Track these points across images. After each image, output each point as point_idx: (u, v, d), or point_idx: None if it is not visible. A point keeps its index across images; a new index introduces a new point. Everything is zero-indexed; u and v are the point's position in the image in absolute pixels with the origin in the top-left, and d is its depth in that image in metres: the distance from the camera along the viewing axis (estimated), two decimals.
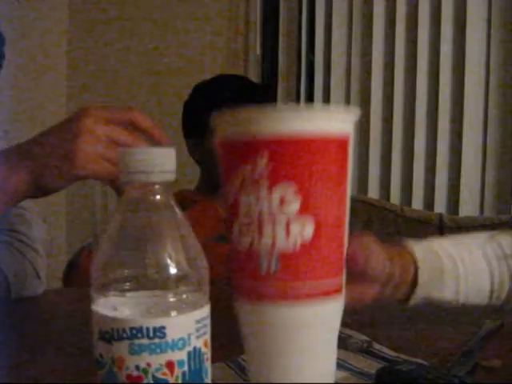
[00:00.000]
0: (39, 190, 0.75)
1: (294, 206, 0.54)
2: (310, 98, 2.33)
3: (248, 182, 0.54)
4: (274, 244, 0.54)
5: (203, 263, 0.45)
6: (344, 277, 0.59)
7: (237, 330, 0.58)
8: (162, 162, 0.44)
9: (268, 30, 2.38)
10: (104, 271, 0.44)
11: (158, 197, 0.45)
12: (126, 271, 0.44)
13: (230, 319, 0.57)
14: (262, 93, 1.68)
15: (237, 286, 0.58)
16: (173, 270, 0.44)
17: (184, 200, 1.37)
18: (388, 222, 1.84)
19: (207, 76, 1.65)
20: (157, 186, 0.44)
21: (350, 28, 2.25)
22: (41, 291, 1.05)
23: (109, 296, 0.44)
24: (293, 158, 0.53)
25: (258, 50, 2.39)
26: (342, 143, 0.56)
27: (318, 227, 0.55)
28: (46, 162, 0.73)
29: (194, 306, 0.44)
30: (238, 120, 0.55)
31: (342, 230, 0.58)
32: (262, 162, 0.53)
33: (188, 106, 1.61)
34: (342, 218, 0.58)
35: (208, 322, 0.46)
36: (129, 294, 0.44)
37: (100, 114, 0.75)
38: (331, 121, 0.55)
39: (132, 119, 0.78)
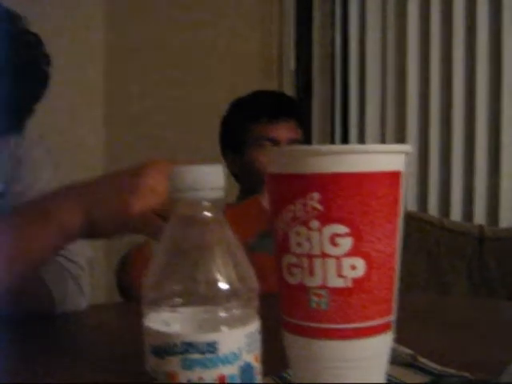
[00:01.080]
0: (93, 233, 0.77)
1: (346, 244, 0.54)
2: (344, 113, 2.33)
3: (299, 219, 0.55)
4: (324, 282, 0.55)
5: (253, 279, 0.46)
6: (394, 315, 0.59)
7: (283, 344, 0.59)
8: (211, 179, 0.45)
9: (302, 44, 2.39)
10: (155, 287, 0.45)
11: (208, 213, 0.45)
12: (177, 287, 0.45)
13: (276, 333, 0.57)
14: (298, 108, 1.69)
15: (285, 318, 0.59)
16: (223, 286, 0.44)
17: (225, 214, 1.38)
18: (427, 235, 1.82)
19: (242, 91, 1.66)
20: (206, 203, 0.45)
21: (384, 44, 2.24)
22: (84, 306, 1.06)
23: (160, 311, 0.45)
24: (345, 197, 0.54)
25: (292, 65, 2.40)
26: (394, 180, 0.56)
27: (369, 265, 0.55)
28: (104, 207, 0.75)
29: (245, 321, 0.45)
30: (292, 156, 0.56)
31: (393, 267, 0.58)
32: (314, 200, 0.54)
33: (226, 122, 1.63)
34: (393, 255, 0.58)
35: (258, 336, 0.46)
36: (180, 310, 0.44)
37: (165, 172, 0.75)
38: (384, 158, 0.55)
39: None
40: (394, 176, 0.57)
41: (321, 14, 2.38)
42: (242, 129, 1.56)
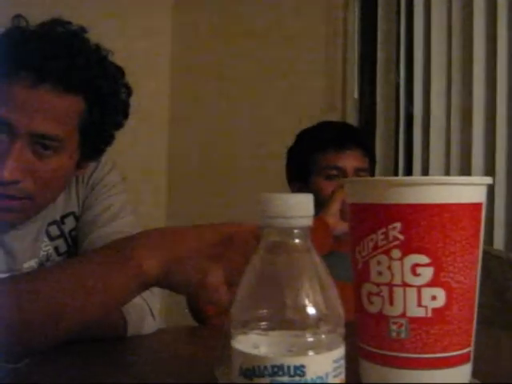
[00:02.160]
0: (166, 286, 0.78)
1: (427, 275, 0.55)
2: (408, 142, 2.31)
3: (380, 249, 0.56)
4: (404, 311, 0.56)
5: (339, 305, 0.47)
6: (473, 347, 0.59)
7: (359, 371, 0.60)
8: (300, 207, 0.46)
9: (366, 74, 2.40)
10: (245, 310, 0.47)
11: (297, 240, 0.47)
12: (266, 311, 0.46)
13: (352, 361, 0.58)
14: (363, 137, 1.71)
15: (362, 346, 0.60)
16: (311, 311, 0.45)
17: None
18: (493, 269, 1.79)
19: (307, 121, 1.69)
20: (295, 231, 0.47)
21: (449, 76, 2.23)
22: (154, 329, 1.08)
23: (249, 334, 0.46)
24: (427, 227, 0.55)
25: (356, 95, 2.41)
26: (475, 211, 0.57)
27: (449, 296, 0.56)
28: (182, 268, 0.75)
29: (331, 347, 0.46)
30: (375, 187, 0.57)
31: (473, 298, 0.58)
32: (396, 230, 0.55)
33: (292, 153, 1.66)
34: (474, 286, 0.58)
35: (343, 362, 0.47)
36: (269, 333, 0.46)
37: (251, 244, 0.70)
38: (465, 190, 0.56)
39: None
40: (476, 208, 0.57)
41: (385, 43, 2.39)
42: (308, 159, 1.58)
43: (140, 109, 1.21)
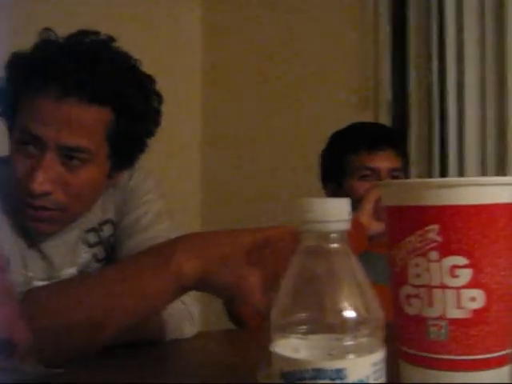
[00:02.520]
0: (204, 290, 0.80)
1: (465, 276, 0.55)
2: (442, 143, 2.29)
3: (418, 251, 0.56)
4: (443, 313, 0.56)
5: (379, 308, 0.47)
6: None
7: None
8: (338, 212, 0.47)
9: (398, 74, 2.39)
10: (284, 314, 0.47)
11: (335, 244, 0.47)
12: (305, 315, 0.46)
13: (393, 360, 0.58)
14: (396, 137, 1.70)
15: (402, 348, 0.60)
16: (351, 315, 0.46)
17: None
18: None
19: (340, 122, 1.69)
20: (333, 235, 0.47)
21: (483, 71, 2.20)
22: (193, 333, 1.09)
23: (289, 338, 0.47)
24: (464, 228, 0.55)
25: (388, 95, 2.40)
26: None
27: (489, 297, 0.56)
28: (218, 273, 0.75)
29: (371, 350, 0.46)
30: (412, 189, 0.57)
31: None
32: (433, 232, 0.55)
33: (326, 154, 1.66)
34: None
35: (383, 365, 0.47)
36: (308, 337, 0.46)
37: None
38: (503, 190, 0.56)
39: None
40: None
41: (417, 43, 2.37)
42: (342, 160, 1.58)
43: (173, 115, 1.23)
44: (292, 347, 0.46)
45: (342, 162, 1.58)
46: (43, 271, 1.12)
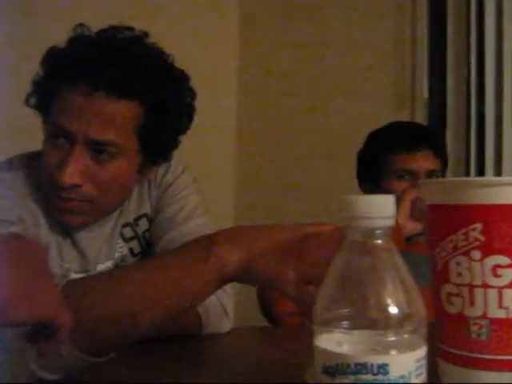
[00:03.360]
0: (245, 281, 0.80)
1: (508, 276, 0.55)
2: (480, 142, 2.27)
3: (460, 250, 0.56)
4: (485, 312, 0.55)
5: (421, 305, 0.47)
6: None
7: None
8: (383, 208, 0.47)
9: (435, 72, 2.37)
10: (328, 309, 0.48)
11: (379, 241, 0.48)
12: (349, 310, 0.47)
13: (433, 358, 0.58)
14: (434, 138, 1.68)
15: (442, 347, 0.60)
16: (394, 311, 0.46)
17: None
18: None
19: (376, 121, 1.68)
20: (378, 231, 0.48)
21: None
22: (228, 328, 1.10)
23: (332, 332, 0.47)
24: (507, 229, 0.54)
25: (426, 94, 2.38)
26: None
27: None
28: (261, 265, 0.76)
29: (413, 346, 0.46)
30: (454, 188, 0.57)
31: None
32: (476, 231, 0.55)
33: (363, 154, 1.65)
34: None
35: (425, 362, 0.48)
36: (352, 332, 0.47)
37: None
38: None
39: None
40: None
41: (455, 39, 2.34)
42: (379, 161, 1.57)
43: (207, 112, 1.24)
44: (335, 342, 0.47)
45: (379, 163, 1.57)
46: (79, 264, 1.14)
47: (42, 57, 1.07)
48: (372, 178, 1.60)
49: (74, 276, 1.05)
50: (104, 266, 1.16)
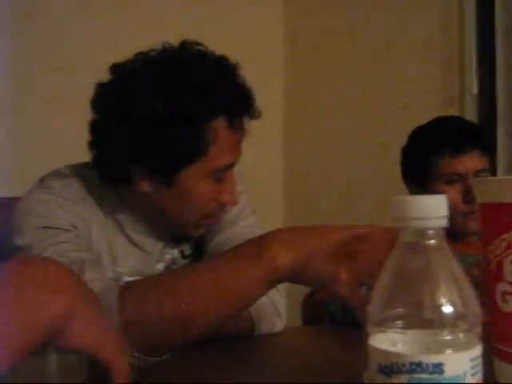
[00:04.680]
0: (297, 281, 0.81)
1: None
2: None
3: None
4: None
5: (476, 304, 0.47)
6: None
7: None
8: (436, 209, 0.47)
9: (485, 68, 2.33)
10: (382, 309, 0.48)
11: (432, 241, 0.48)
12: (403, 309, 0.47)
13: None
14: (482, 136, 1.64)
15: (497, 346, 0.59)
16: (449, 310, 0.46)
17: None
18: None
19: (423, 117, 1.66)
20: (431, 231, 0.48)
21: None
22: (280, 328, 1.10)
23: (387, 332, 0.48)
24: None
25: (475, 89, 2.34)
26: None
27: None
28: (314, 265, 0.77)
29: (468, 345, 0.47)
30: (506, 186, 0.57)
31: None
32: None
33: (407, 154, 1.63)
34: None
35: (480, 361, 0.48)
36: (406, 331, 0.47)
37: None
38: None
39: None
40: None
41: (504, 33, 2.30)
42: (425, 162, 1.54)
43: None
44: (390, 341, 0.47)
45: (425, 164, 1.54)
46: (132, 266, 1.16)
47: None
48: (418, 178, 1.57)
49: (126, 279, 1.07)
50: (156, 268, 1.18)
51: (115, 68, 1.07)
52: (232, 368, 0.87)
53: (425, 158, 1.55)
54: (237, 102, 1.05)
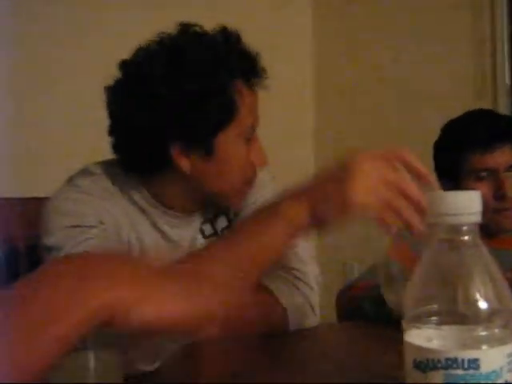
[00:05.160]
0: (318, 224, 0.85)
1: None
2: None
3: None
4: None
5: (511, 301, 0.47)
6: None
7: None
8: (469, 204, 0.47)
9: None
10: (417, 305, 0.48)
11: (467, 237, 0.48)
12: (438, 305, 0.48)
13: None
14: None
15: None
16: (484, 306, 0.46)
17: None
18: None
19: (455, 109, 1.64)
20: (465, 227, 0.48)
21: None
22: (314, 324, 1.11)
23: (422, 328, 0.48)
24: None
25: (508, 80, 2.31)
26: None
27: None
28: (326, 201, 0.83)
29: (504, 341, 0.47)
30: None
31: None
32: None
33: (439, 148, 1.61)
34: None
35: None
36: (442, 327, 0.47)
37: (374, 156, 0.83)
38: None
39: (403, 158, 0.83)
40: None
41: None
42: (456, 158, 1.52)
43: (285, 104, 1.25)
44: (425, 337, 0.48)
45: (456, 159, 1.52)
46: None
47: None
48: (450, 174, 1.55)
49: None
50: None
51: (136, 54, 1.10)
52: (274, 364, 0.87)
53: (455, 154, 1.53)
54: (248, 64, 1.09)
